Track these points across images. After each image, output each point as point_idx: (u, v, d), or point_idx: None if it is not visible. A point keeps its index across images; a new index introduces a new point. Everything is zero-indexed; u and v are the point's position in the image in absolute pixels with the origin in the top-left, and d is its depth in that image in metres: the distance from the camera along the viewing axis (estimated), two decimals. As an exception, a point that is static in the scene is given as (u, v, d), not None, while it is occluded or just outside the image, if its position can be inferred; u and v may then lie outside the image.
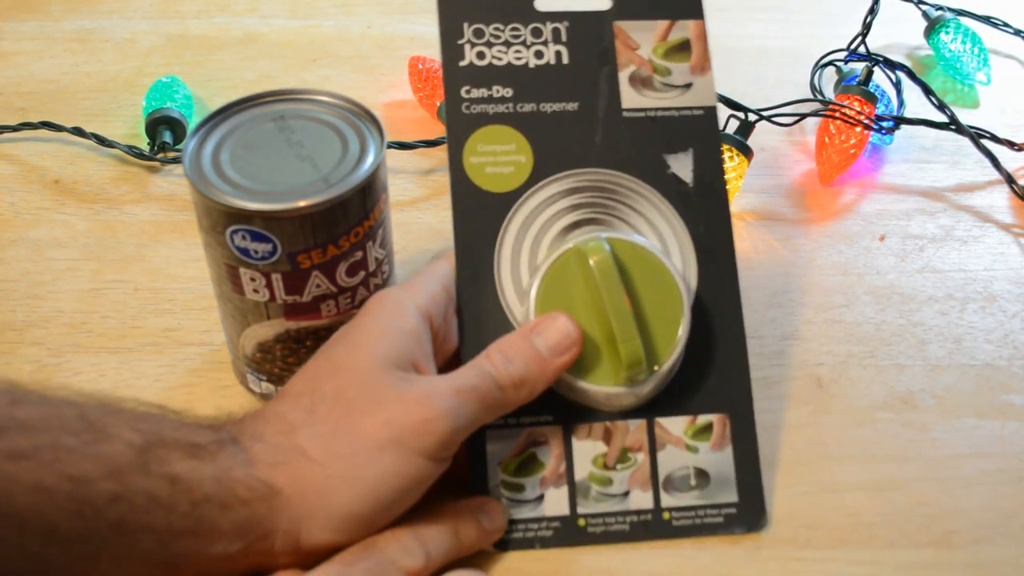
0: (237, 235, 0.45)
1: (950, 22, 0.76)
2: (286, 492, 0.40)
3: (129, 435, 0.39)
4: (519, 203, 0.48)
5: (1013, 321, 0.57)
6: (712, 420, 0.47)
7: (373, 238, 0.48)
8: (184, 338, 0.56)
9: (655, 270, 0.47)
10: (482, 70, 0.49)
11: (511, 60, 0.49)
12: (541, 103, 0.49)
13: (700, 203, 0.49)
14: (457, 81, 0.48)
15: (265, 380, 0.51)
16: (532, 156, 0.48)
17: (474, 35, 0.49)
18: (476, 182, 0.48)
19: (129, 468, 0.38)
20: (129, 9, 0.84)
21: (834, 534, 0.47)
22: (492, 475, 0.46)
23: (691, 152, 0.49)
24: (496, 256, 0.47)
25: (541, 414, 0.47)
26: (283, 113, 0.49)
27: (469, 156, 0.48)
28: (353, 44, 0.80)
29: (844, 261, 0.61)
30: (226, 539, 0.39)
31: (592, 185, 0.48)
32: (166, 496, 0.38)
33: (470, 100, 0.48)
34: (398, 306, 0.44)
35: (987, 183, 0.67)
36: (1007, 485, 0.49)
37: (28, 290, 0.59)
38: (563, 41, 0.49)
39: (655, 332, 0.46)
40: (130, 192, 0.66)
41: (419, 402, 0.41)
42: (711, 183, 0.49)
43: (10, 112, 0.72)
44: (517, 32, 0.49)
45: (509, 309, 0.47)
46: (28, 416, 0.38)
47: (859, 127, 0.66)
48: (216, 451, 0.40)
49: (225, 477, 0.39)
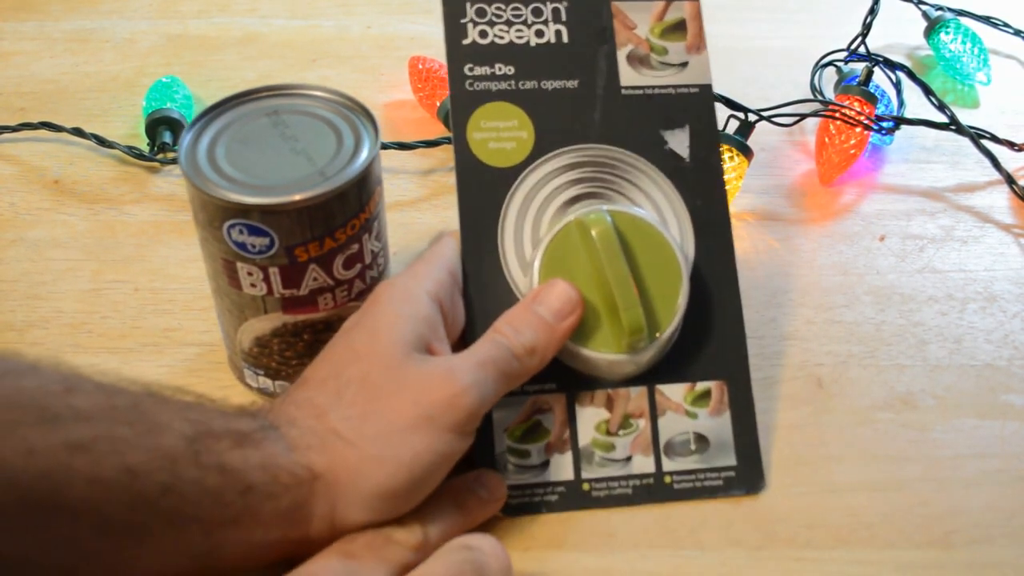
0: (234, 229, 0.45)
1: (950, 22, 0.76)
2: (325, 475, 0.41)
3: (180, 425, 0.39)
4: (521, 177, 0.49)
5: (1013, 321, 0.57)
6: (710, 387, 0.49)
7: (369, 230, 0.48)
8: (184, 338, 0.56)
9: (654, 241, 0.48)
10: (484, 48, 0.50)
11: (513, 39, 0.50)
12: (542, 80, 0.50)
13: (696, 178, 0.50)
14: (460, 59, 0.50)
15: (262, 375, 0.51)
16: (533, 132, 0.50)
17: (476, 14, 0.50)
18: (480, 157, 0.49)
19: (182, 459, 0.38)
20: (129, 9, 0.84)
21: (834, 534, 0.46)
22: (499, 441, 0.48)
23: (687, 128, 0.51)
24: (500, 229, 0.49)
25: (545, 382, 0.48)
26: (277, 108, 0.49)
27: (472, 132, 0.49)
28: (353, 44, 0.80)
29: (844, 261, 0.61)
30: (265, 526, 0.40)
31: (592, 160, 0.50)
32: (216, 486, 0.38)
33: (473, 77, 0.50)
34: (409, 293, 0.45)
35: (987, 183, 0.67)
36: (1007, 485, 0.49)
37: (28, 290, 0.59)
38: (563, 21, 0.51)
39: (655, 301, 0.47)
40: (130, 192, 0.66)
41: (444, 379, 0.42)
42: (707, 159, 0.50)
43: (10, 112, 0.72)
44: (518, 11, 0.50)
45: (513, 281, 0.48)
46: (84, 405, 0.38)
47: (859, 127, 0.66)
48: (261, 439, 0.41)
49: (271, 464, 0.40)
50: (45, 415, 0.36)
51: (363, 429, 0.41)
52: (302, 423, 0.42)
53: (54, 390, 0.38)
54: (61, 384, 0.38)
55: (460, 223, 0.48)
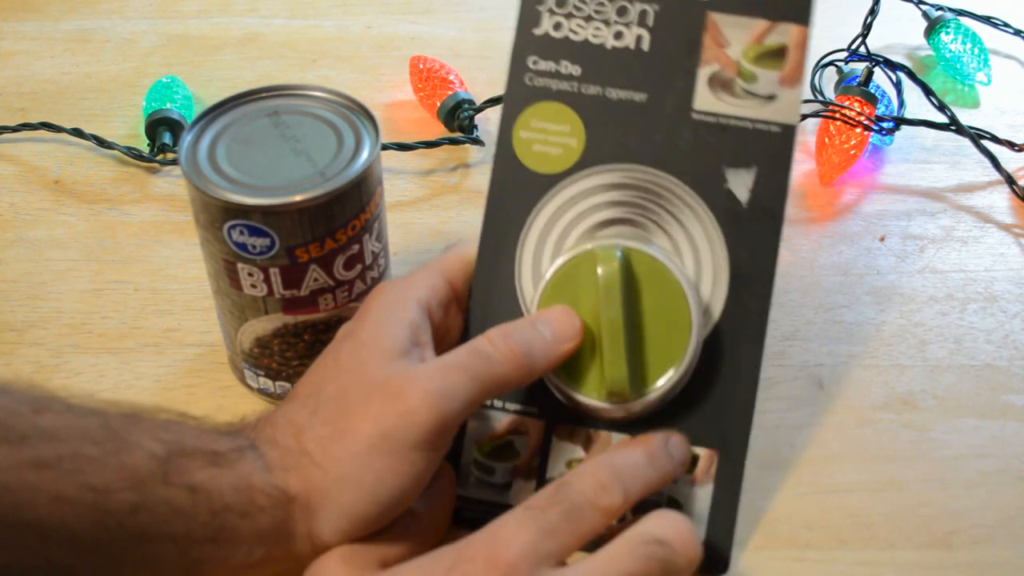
0: (235, 230, 0.45)
1: (950, 22, 0.76)
2: (300, 497, 0.40)
3: (151, 445, 0.38)
4: (559, 187, 0.46)
5: (1013, 321, 0.57)
6: (699, 454, 0.45)
7: (370, 231, 0.48)
8: (184, 339, 0.56)
9: (669, 290, 0.44)
10: (555, 42, 0.46)
11: (588, 36, 0.46)
12: (608, 88, 0.46)
13: (749, 227, 0.45)
14: (526, 48, 0.46)
15: (263, 376, 0.51)
16: (584, 141, 0.46)
17: (556, 3, 0.46)
18: (520, 157, 0.46)
19: (150, 478, 0.38)
20: (129, 9, 0.84)
21: (834, 534, 0.46)
22: (467, 450, 0.46)
23: (754, 171, 0.45)
24: (522, 236, 0.46)
25: (528, 405, 0.46)
26: (277, 108, 0.49)
27: (520, 129, 0.46)
28: (353, 44, 0.80)
29: (844, 261, 0.61)
30: (247, 546, 0.39)
31: (639, 184, 0.46)
32: (186, 506, 0.38)
33: (535, 72, 0.46)
34: (396, 299, 0.44)
35: (987, 184, 0.67)
36: (1007, 486, 0.49)
37: (28, 290, 0.59)
38: (648, 25, 0.46)
39: (651, 354, 0.44)
40: (130, 192, 0.66)
41: (400, 391, 0.40)
42: (768, 208, 0.45)
43: (10, 112, 0.72)
44: (602, 8, 0.46)
45: (521, 292, 0.46)
46: (52, 424, 0.37)
47: (859, 128, 0.66)
48: (236, 459, 0.40)
49: (244, 485, 0.39)
50: (10, 435, 0.36)
51: (330, 450, 0.40)
52: (281, 443, 0.41)
53: (21, 411, 0.37)
54: (29, 405, 0.38)
55: (484, 220, 0.46)
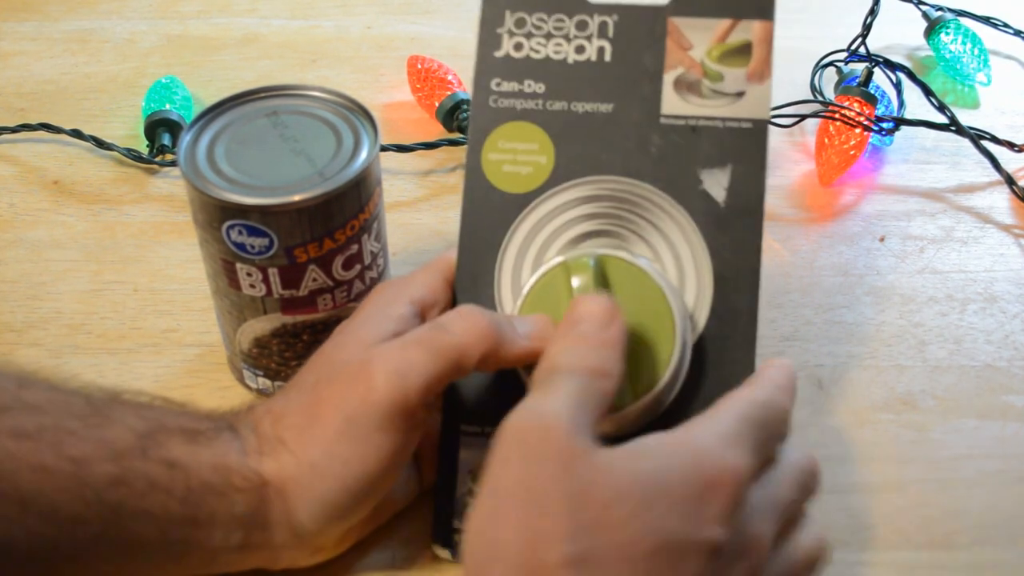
0: (233, 230, 0.45)
1: (950, 23, 0.76)
2: (275, 482, 0.40)
3: (132, 421, 0.39)
4: (532, 206, 0.46)
5: (1013, 322, 0.57)
6: None
7: (368, 231, 0.48)
8: (183, 339, 0.56)
9: (650, 298, 0.43)
10: (516, 62, 0.46)
11: (549, 53, 0.46)
12: (573, 102, 0.46)
13: (729, 227, 0.45)
14: (489, 72, 0.47)
15: (262, 376, 0.51)
16: (554, 157, 0.46)
17: (515, 24, 0.46)
18: (491, 180, 0.46)
19: (129, 452, 0.38)
20: (128, 9, 0.84)
21: (834, 535, 0.46)
22: (461, 482, 0.45)
23: (729, 169, 0.45)
24: (499, 259, 0.46)
25: None
26: (276, 108, 0.49)
27: (488, 152, 0.46)
28: (353, 44, 0.80)
29: (844, 262, 0.61)
30: (224, 528, 0.39)
31: (613, 195, 0.46)
32: (164, 480, 0.38)
33: (499, 93, 0.46)
34: (391, 296, 0.44)
35: (987, 184, 0.66)
36: (1007, 486, 0.49)
37: (27, 291, 0.59)
38: (608, 36, 0.46)
39: (637, 362, 0.43)
40: (129, 193, 0.66)
41: (360, 373, 0.40)
42: (746, 206, 0.45)
43: (9, 113, 0.72)
44: (561, 24, 0.46)
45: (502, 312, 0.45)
46: (35, 399, 0.38)
47: (859, 128, 0.66)
48: (213, 437, 0.40)
49: (221, 465, 0.40)
50: None
51: (303, 437, 0.40)
52: (259, 429, 0.41)
53: (6, 386, 0.38)
54: (14, 381, 0.39)
55: (459, 245, 0.46)
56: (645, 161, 0.45)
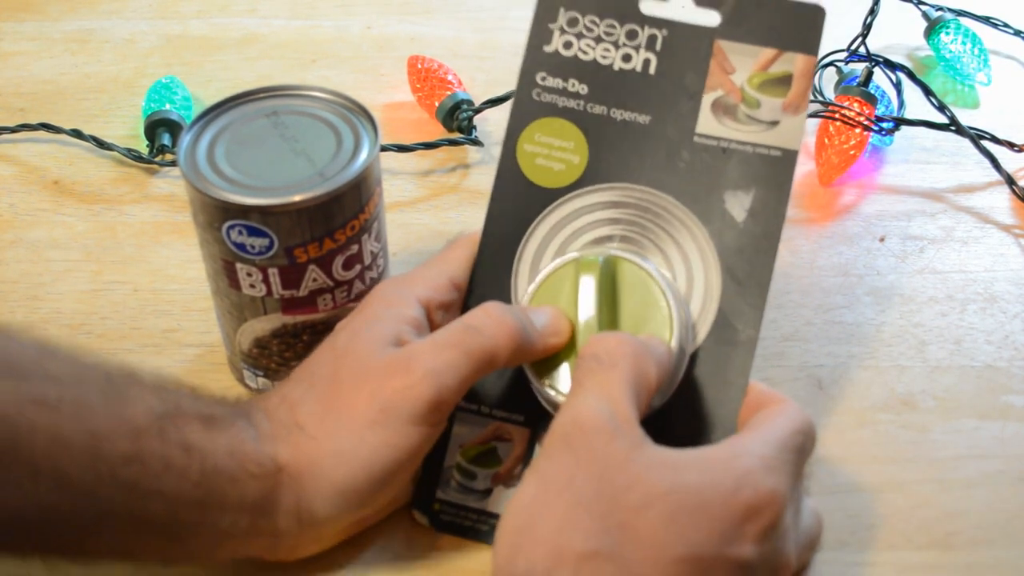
0: (234, 230, 0.45)
1: (950, 23, 0.76)
2: (289, 468, 0.41)
3: (150, 400, 0.40)
4: (559, 202, 0.47)
5: (1014, 322, 0.57)
6: None
7: (368, 231, 0.48)
8: (184, 339, 0.56)
9: (653, 303, 0.45)
10: (564, 60, 0.48)
11: (596, 57, 0.47)
12: (612, 108, 0.47)
13: (744, 248, 0.46)
14: (536, 65, 0.48)
15: (262, 376, 0.51)
16: (587, 159, 0.47)
17: (568, 23, 0.48)
18: (523, 170, 0.47)
19: (146, 431, 0.39)
20: (128, 9, 0.84)
21: (834, 535, 0.46)
22: (450, 454, 0.46)
23: (752, 193, 0.46)
24: (521, 248, 0.47)
25: (514, 412, 0.46)
26: (276, 109, 0.49)
27: (524, 143, 0.48)
28: (353, 44, 0.80)
29: (844, 262, 0.61)
30: (233, 512, 0.40)
31: (637, 203, 0.47)
32: (180, 462, 0.39)
33: (543, 88, 0.48)
34: (397, 295, 0.45)
35: (987, 184, 0.66)
36: (1008, 487, 0.49)
37: (28, 291, 0.59)
38: (656, 50, 0.47)
39: None
40: (129, 193, 0.66)
41: (399, 368, 0.41)
42: (764, 232, 0.46)
43: (9, 113, 0.72)
44: (611, 30, 0.47)
45: (516, 303, 0.47)
46: (57, 369, 0.39)
47: (859, 128, 0.66)
48: (230, 424, 0.41)
49: (237, 450, 0.40)
50: (14, 371, 0.37)
51: (324, 423, 0.41)
52: (273, 415, 0.42)
53: (29, 354, 0.39)
54: (37, 351, 0.39)
55: (483, 230, 0.47)
56: (673, 175, 0.47)
